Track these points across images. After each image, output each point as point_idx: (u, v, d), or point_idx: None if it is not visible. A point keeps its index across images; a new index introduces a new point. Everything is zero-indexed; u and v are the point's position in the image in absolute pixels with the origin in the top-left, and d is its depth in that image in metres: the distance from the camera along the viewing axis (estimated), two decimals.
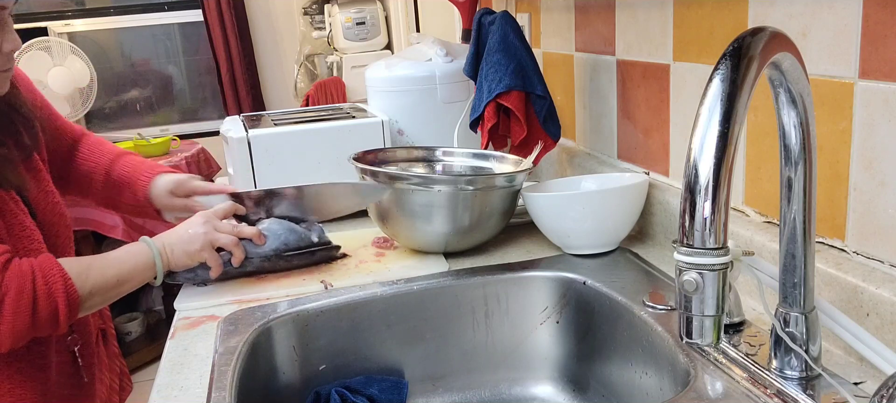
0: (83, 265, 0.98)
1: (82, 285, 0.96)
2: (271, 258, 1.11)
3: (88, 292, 0.96)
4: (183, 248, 1.05)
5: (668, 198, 1.10)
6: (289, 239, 1.12)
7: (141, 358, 3.09)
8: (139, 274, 1.03)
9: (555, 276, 1.06)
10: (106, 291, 0.99)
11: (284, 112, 1.66)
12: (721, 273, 0.55)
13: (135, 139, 3.35)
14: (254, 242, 1.10)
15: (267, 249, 1.11)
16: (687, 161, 0.54)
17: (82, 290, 0.95)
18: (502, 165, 1.28)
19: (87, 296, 0.97)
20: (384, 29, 3.45)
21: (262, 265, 1.11)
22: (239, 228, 1.10)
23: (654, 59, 1.13)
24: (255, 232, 1.11)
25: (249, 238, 1.10)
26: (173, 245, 1.05)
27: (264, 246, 1.11)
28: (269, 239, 1.11)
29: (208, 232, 1.07)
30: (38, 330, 0.94)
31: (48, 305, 0.92)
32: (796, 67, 0.62)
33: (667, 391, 0.86)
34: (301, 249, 1.13)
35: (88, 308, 0.98)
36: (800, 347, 0.70)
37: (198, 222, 1.08)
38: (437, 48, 1.51)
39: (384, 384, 1.03)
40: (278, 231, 1.13)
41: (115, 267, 1.01)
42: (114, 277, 1.00)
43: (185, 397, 0.82)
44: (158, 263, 1.04)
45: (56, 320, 0.94)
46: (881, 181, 0.75)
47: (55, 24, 3.84)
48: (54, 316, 0.93)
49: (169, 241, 1.06)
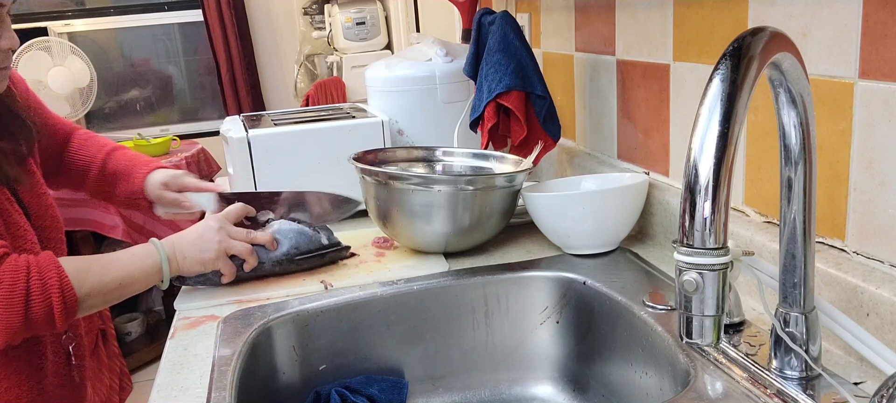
0: (84, 264, 0.97)
1: (80, 284, 0.95)
2: (283, 261, 1.11)
3: (87, 292, 0.96)
4: (196, 256, 1.04)
5: (668, 198, 1.10)
6: (299, 241, 1.12)
7: (141, 358, 3.09)
8: (144, 278, 1.01)
9: (555, 276, 1.06)
10: (107, 292, 0.98)
11: (284, 112, 1.66)
12: (721, 273, 0.55)
13: (135, 139, 3.35)
14: (267, 248, 1.10)
15: (279, 253, 1.10)
16: (687, 161, 0.54)
17: (80, 289, 0.95)
18: (502, 165, 1.28)
19: (86, 296, 0.96)
20: (384, 29, 3.45)
21: (273, 268, 1.11)
22: (253, 235, 1.09)
23: (654, 59, 1.13)
24: (269, 238, 1.10)
25: (263, 244, 1.09)
26: (185, 251, 1.04)
27: (279, 249, 1.10)
28: (281, 243, 1.11)
29: (223, 239, 1.06)
30: (33, 327, 0.93)
31: (42, 302, 0.92)
32: (796, 67, 0.62)
33: (667, 391, 0.86)
34: (312, 252, 1.12)
35: (88, 307, 0.98)
36: (800, 347, 0.70)
37: (212, 228, 1.06)
38: (437, 48, 1.51)
39: (384, 384, 1.03)
40: (289, 233, 1.12)
41: (119, 268, 1.00)
42: (116, 279, 0.99)
43: (185, 397, 0.82)
44: (165, 268, 1.02)
45: (51, 317, 0.93)
46: (881, 181, 0.75)
47: (55, 24, 3.84)
48: (49, 313, 0.93)
49: (180, 247, 1.04)
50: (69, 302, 0.94)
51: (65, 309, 0.94)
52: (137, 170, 1.25)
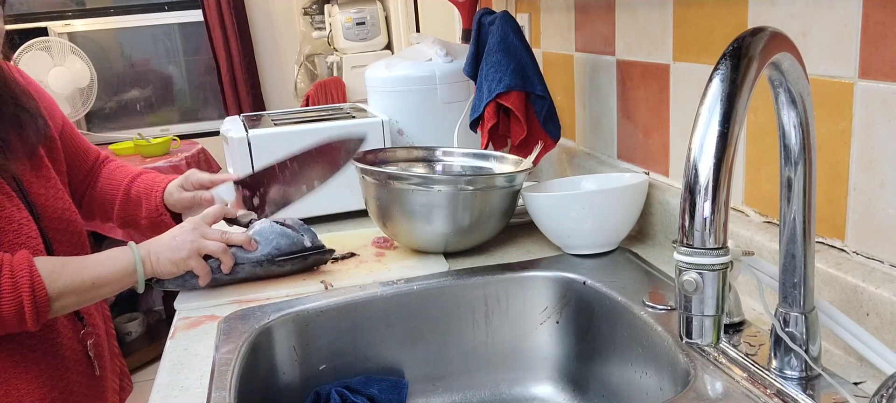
0: (57, 264, 0.97)
1: (53, 284, 0.95)
2: (263, 263, 1.09)
3: (59, 291, 0.95)
4: (168, 256, 1.04)
5: (668, 198, 1.10)
6: (281, 243, 1.10)
7: (141, 358, 3.09)
8: (118, 280, 1.01)
9: (555, 276, 1.06)
10: (81, 292, 0.98)
11: (284, 112, 1.66)
12: (721, 273, 0.55)
13: (135, 139, 3.35)
14: (245, 248, 1.08)
15: (259, 254, 1.09)
16: (687, 161, 0.54)
17: (52, 289, 0.94)
18: (502, 165, 1.28)
19: (58, 295, 0.95)
20: (384, 29, 3.45)
21: (254, 271, 1.09)
22: (228, 235, 1.08)
23: (654, 59, 1.13)
24: (246, 238, 1.08)
25: (240, 244, 1.08)
26: (159, 252, 1.04)
27: (256, 251, 1.09)
28: (262, 244, 1.09)
29: (195, 239, 1.05)
30: (5, 326, 0.93)
31: (12, 300, 0.92)
32: (796, 67, 0.62)
33: (667, 391, 0.86)
34: (294, 254, 1.10)
35: (61, 308, 0.97)
36: (800, 347, 0.70)
37: (186, 229, 1.06)
38: (437, 48, 1.51)
39: (384, 384, 1.03)
40: (270, 235, 1.10)
41: (93, 269, 0.99)
42: (89, 279, 0.98)
43: (185, 397, 0.82)
44: (140, 270, 1.02)
45: (21, 316, 0.93)
46: (881, 181, 0.75)
47: (55, 24, 3.84)
48: (19, 311, 0.92)
49: (154, 249, 1.04)
50: (40, 302, 0.94)
51: (35, 308, 0.93)
52: (156, 187, 1.25)
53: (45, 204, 1.07)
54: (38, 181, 1.07)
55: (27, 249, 0.98)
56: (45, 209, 1.06)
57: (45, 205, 1.06)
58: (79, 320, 1.10)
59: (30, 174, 1.06)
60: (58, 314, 1.00)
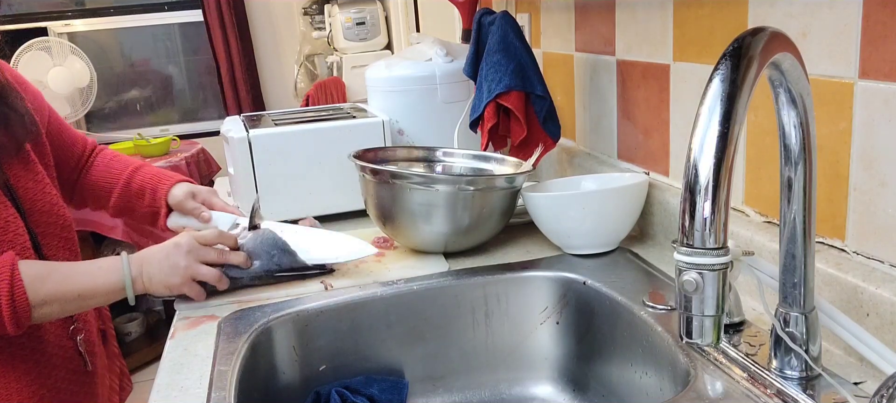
0: (44, 270, 0.96)
1: (35, 291, 0.93)
2: (262, 276, 1.08)
3: (42, 299, 0.94)
4: (162, 280, 1.02)
5: (668, 198, 1.10)
6: (282, 260, 1.08)
7: (141, 358, 3.09)
8: (107, 294, 1.00)
9: (555, 276, 1.06)
10: (65, 302, 0.97)
11: (284, 112, 1.66)
12: (721, 273, 0.55)
13: (135, 139, 3.35)
14: (241, 267, 1.07)
15: (258, 270, 1.08)
16: (687, 161, 0.54)
17: (34, 296, 0.93)
18: (502, 167, 1.28)
19: (40, 303, 0.94)
20: (384, 29, 3.45)
21: (252, 283, 1.08)
22: (226, 255, 1.06)
23: (654, 59, 1.13)
24: (242, 258, 1.07)
25: (237, 264, 1.06)
26: (152, 275, 1.01)
27: (256, 266, 1.07)
28: (262, 259, 1.08)
29: (189, 264, 1.02)
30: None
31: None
32: (796, 67, 0.62)
33: (667, 391, 0.86)
34: (295, 270, 1.10)
35: (44, 315, 0.96)
36: (800, 347, 0.70)
37: (181, 250, 1.03)
38: (437, 48, 1.51)
39: (384, 384, 1.03)
40: (272, 250, 1.08)
41: (81, 280, 0.98)
42: (75, 290, 0.97)
43: (185, 397, 0.82)
44: (129, 289, 1.00)
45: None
46: (881, 181, 0.75)
47: (55, 24, 3.84)
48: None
49: (148, 270, 1.01)
50: (20, 307, 0.93)
51: (14, 313, 0.92)
52: (164, 182, 1.24)
53: (33, 198, 1.06)
54: (26, 176, 1.06)
55: (14, 247, 0.98)
56: (33, 204, 1.06)
57: (33, 201, 1.06)
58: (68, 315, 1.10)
59: (17, 170, 1.05)
60: (41, 321, 0.98)
